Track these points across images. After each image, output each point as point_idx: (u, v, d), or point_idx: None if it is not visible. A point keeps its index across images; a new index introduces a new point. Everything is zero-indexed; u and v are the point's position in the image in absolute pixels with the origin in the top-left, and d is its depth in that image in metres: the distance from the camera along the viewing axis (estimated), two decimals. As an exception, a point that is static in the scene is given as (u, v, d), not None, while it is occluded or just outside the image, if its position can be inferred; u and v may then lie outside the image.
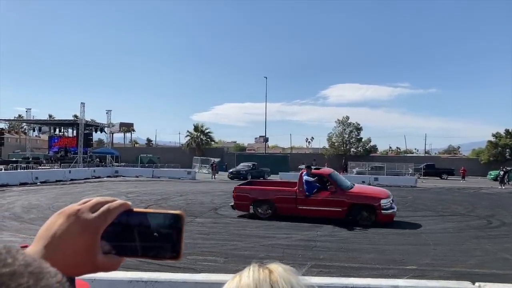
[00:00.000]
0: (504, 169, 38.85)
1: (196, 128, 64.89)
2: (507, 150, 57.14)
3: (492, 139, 59.06)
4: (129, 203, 0.69)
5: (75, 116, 56.50)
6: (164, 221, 0.67)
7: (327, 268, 8.00)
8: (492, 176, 45.82)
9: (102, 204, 0.67)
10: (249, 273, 0.78)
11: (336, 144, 62.07)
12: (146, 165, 50.87)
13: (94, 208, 0.66)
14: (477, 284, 3.81)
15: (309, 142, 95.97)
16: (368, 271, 7.76)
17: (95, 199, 0.68)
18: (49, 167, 42.14)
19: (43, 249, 0.62)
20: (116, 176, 38.74)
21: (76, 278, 0.67)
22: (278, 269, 0.79)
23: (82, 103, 46.69)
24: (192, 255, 8.79)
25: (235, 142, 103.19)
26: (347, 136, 62.02)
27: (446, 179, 47.75)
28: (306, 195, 13.98)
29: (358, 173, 46.11)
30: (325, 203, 13.83)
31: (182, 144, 70.35)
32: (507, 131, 58.50)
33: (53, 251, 0.62)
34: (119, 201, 0.68)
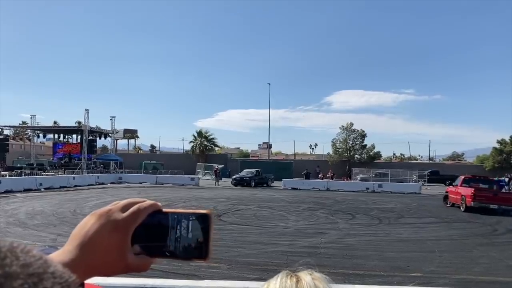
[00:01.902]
0: (509, 176, 38.64)
1: (199, 134, 64.99)
2: (512, 156, 56.92)
3: (497, 145, 58.87)
4: (159, 203, 0.69)
5: (79, 122, 56.82)
6: (193, 221, 0.67)
7: (331, 275, 7.78)
8: (497, 183, 45.55)
9: (132, 204, 0.68)
10: (277, 281, 0.79)
11: (340, 150, 61.99)
12: (150, 171, 50.93)
13: (125, 208, 0.68)
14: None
15: (312, 148, 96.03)
16: (373, 278, 7.70)
17: (126, 200, 0.70)
18: (53, 174, 42.30)
19: (75, 248, 0.64)
20: (120, 183, 38.77)
21: (92, 282, 0.67)
22: (306, 277, 0.79)
23: (86, 109, 46.94)
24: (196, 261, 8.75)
25: (238, 148, 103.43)
26: (351, 142, 61.95)
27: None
28: None
29: (362, 179, 46.00)
30: None
31: (186, 151, 70.53)
32: (512, 138, 58.32)
33: (85, 250, 0.64)
34: (149, 202, 0.69)
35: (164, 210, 0.69)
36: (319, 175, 47.78)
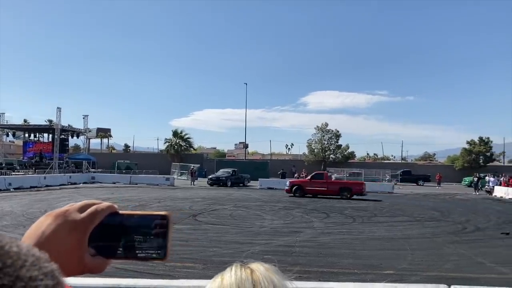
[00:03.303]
0: (478, 176, 39.81)
1: (175, 134, 64.33)
2: (481, 157, 58.63)
3: (467, 146, 60.47)
4: (116, 205, 0.70)
5: (51, 121, 55.34)
6: (151, 222, 0.69)
7: (306, 273, 8.01)
8: (466, 182, 46.90)
9: (89, 205, 0.68)
10: (231, 273, 0.78)
11: (315, 150, 62.49)
12: (124, 171, 50.13)
13: (82, 209, 0.67)
14: (452, 287, 3.87)
15: (289, 148, 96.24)
16: (346, 276, 7.81)
17: (82, 201, 0.69)
18: (23, 173, 41.13)
19: None
20: (93, 183, 38.07)
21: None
22: (259, 268, 0.79)
23: (58, 108, 45.78)
24: (171, 262, 8.67)
25: (215, 148, 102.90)
26: (326, 142, 62.53)
27: (422, 185, 48.60)
28: None
29: (336, 179, 46.50)
30: None
31: (160, 150, 69.70)
32: (480, 138, 60.03)
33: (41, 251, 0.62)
34: (106, 203, 0.70)
35: (121, 212, 0.70)
36: (295, 175, 48.05)
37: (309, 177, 28.95)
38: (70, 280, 0.73)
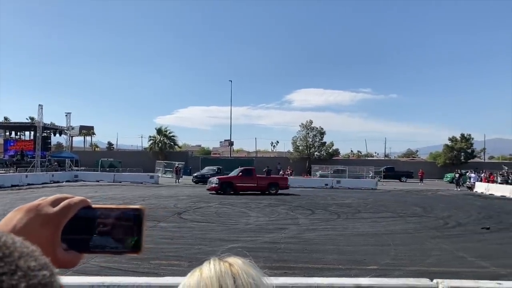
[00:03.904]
0: (459, 172, 40.49)
1: (159, 132, 63.84)
2: (462, 153, 59.63)
3: (449, 143, 61.40)
4: (89, 200, 0.69)
5: (32, 118, 54.40)
6: (125, 216, 0.68)
7: (292, 269, 8.06)
8: (448, 179, 47.65)
9: (62, 199, 0.67)
10: (210, 267, 0.79)
11: (300, 148, 62.74)
12: (107, 169, 49.54)
13: (54, 203, 0.66)
14: (435, 281, 3.94)
15: (274, 146, 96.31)
16: (331, 272, 7.88)
17: (54, 195, 0.68)
18: (4, 172, 40.37)
19: None
20: (76, 181, 37.56)
21: None
22: (237, 262, 0.81)
23: (40, 105, 45.02)
24: (156, 260, 8.64)
25: (199, 145, 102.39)
26: (310, 140, 62.84)
27: (405, 181, 49.24)
28: None
29: (321, 176, 46.86)
30: None
31: (144, 148, 69.10)
32: (462, 135, 61.04)
33: None
34: (78, 197, 0.68)
35: (94, 206, 0.69)
36: (280, 172, 48.18)
37: (239, 174, 28.09)
38: None
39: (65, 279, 3.51)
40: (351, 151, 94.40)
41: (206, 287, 0.76)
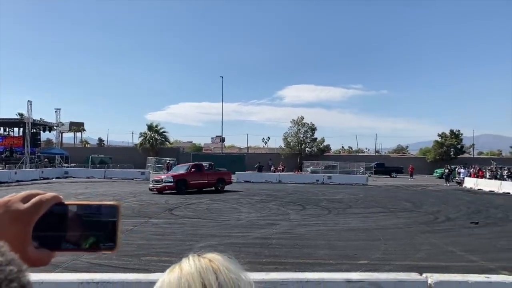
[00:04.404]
0: (449, 168, 40.87)
1: (150, 128, 63.53)
2: (452, 149, 60.19)
3: (438, 139, 61.92)
4: (61, 196, 0.67)
5: (21, 114, 53.83)
6: (99, 213, 0.66)
7: (283, 264, 8.08)
8: (438, 174, 48.08)
9: (33, 196, 0.65)
10: (190, 263, 0.77)
11: (291, 144, 62.86)
12: (98, 165, 49.28)
13: (25, 199, 0.64)
14: (424, 275, 3.98)
15: (265, 142, 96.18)
16: (322, 267, 7.91)
17: (25, 191, 0.66)
18: (-8, 169, 39.93)
19: None
20: (66, 177, 37.31)
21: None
22: (217, 257, 0.79)
23: (29, 101, 44.49)
24: (147, 256, 8.61)
25: (191, 142, 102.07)
26: (302, 136, 62.97)
27: (395, 177, 49.60)
28: None
29: (312, 172, 47.01)
30: None
31: (135, 144, 68.71)
32: (452, 131, 61.58)
33: None
34: (51, 193, 0.66)
35: (67, 202, 0.67)
36: (271, 168, 48.24)
37: (192, 169, 25.57)
38: (42, 276, 0.72)
39: (54, 276, 3.48)
40: (342, 147, 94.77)
41: (187, 283, 0.73)
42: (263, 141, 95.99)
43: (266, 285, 3.55)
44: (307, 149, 62.62)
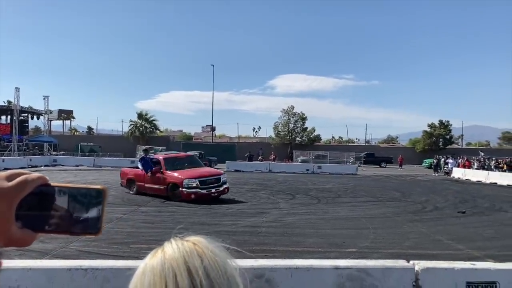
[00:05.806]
0: (437, 158, 41.26)
1: (140, 116, 63.04)
2: (441, 139, 60.72)
3: (428, 129, 62.38)
4: (47, 177, 0.66)
5: (9, 102, 53.08)
6: (84, 196, 0.65)
7: (272, 252, 8.14)
8: (427, 164, 48.53)
9: (18, 175, 0.64)
10: (173, 247, 0.73)
11: (282, 133, 62.88)
12: (87, 154, 48.93)
13: (9, 178, 0.63)
14: (411, 262, 4.04)
15: (256, 131, 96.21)
16: (311, 254, 7.97)
17: (10, 170, 0.65)
18: (-21, 156, 39.46)
19: None
20: (55, 165, 36.98)
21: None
22: (201, 240, 0.76)
23: (16, 88, 43.91)
24: (136, 244, 8.61)
25: (181, 131, 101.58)
26: (292, 125, 63.01)
27: (385, 167, 49.96)
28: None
29: (302, 161, 47.16)
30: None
31: (125, 133, 68.23)
32: (441, 122, 62.07)
33: None
34: (36, 174, 0.65)
35: (53, 184, 0.66)
36: (259, 158, 48.22)
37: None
38: (31, 263, 0.70)
39: (42, 263, 3.46)
40: (333, 137, 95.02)
41: (171, 268, 0.69)
42: (253, 131, 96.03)
43: (256, 271, 3.57)
44: (297, 138, 62.71)
